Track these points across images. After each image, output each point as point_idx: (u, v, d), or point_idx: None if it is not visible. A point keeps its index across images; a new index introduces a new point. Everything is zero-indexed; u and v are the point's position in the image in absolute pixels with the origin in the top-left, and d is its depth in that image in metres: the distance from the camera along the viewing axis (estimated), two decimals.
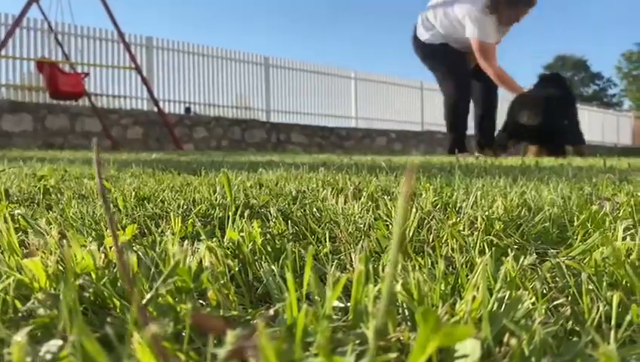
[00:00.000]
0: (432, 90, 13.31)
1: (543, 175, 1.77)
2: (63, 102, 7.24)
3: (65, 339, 0.35)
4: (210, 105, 9.85)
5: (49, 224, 0.78)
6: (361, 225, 0.79)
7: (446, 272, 0.51)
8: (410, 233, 0.71)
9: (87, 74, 6.65)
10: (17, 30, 7.00)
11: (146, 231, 0.78)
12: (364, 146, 10.35)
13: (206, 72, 9.83)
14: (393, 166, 2.15)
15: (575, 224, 0.80)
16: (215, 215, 0.88)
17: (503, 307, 0.40)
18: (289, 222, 0.83)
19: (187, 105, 9.50)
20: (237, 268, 0.56)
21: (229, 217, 0.79)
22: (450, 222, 0.74)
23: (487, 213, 0.78)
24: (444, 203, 0.98)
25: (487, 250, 0.64)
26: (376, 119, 12.01)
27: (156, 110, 7.01)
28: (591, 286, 0.50)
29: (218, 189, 1.08)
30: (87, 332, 0.30)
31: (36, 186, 1.23)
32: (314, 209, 0.93)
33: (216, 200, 0.99)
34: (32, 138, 6.94)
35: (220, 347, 0.31)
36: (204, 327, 0.33)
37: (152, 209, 0.92)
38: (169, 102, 9.29)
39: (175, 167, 2.05)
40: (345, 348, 0.35)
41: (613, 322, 0.41)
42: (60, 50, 7.13)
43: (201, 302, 0.49)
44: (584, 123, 16.92)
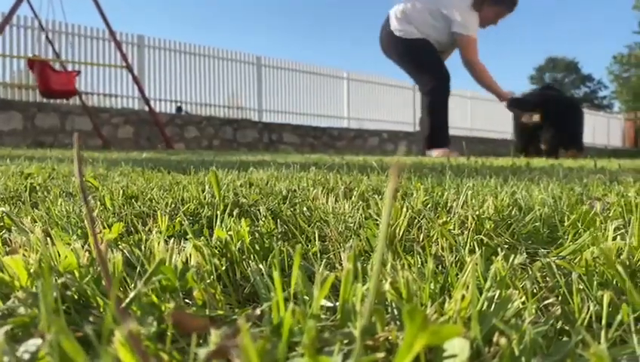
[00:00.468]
0: None
1: (533, 175, 1.77)
2: (53, 101, 7.18)
3: (44, 338, 0.34)
4: (201, 104, 9.82)
5: (34, 222, 0.76)
6: (351, 224, 0.79)
7: (436, 271, 0.51)
8: (400, 232, 0.71)
9: (78, 72, 6.60)
10: (7, 28, 6.94)
11: (132, 229, 0.77)
12: (356, 146, 10.35)
13: (198, 71, 9.79)
14: (385, 166, 2.15)
15: (566, 224, 0.80)
16: (204, 214, 0.87)
17: (493, 306, 0.40)
18: (278, 221, 0.83)
19: (178, 104, 9.46)
20: (224, 267, 0.56)
21: (217, 216, 0.78)
22: (441, 221, 0.73)
23: (477, 213, 0.78)
24: (435, 202, 0.97)
25: (477, 250, 0.63)
26: (369, 119, 12.01)
27: (147, 109, 6.97)
28: (581, 286, 0.49)
29: (207, 188, 1.07)
30: (66, 330, 0.29)
31: (23, 184, 1.21)
32: (304, 208, 0.93)
33: (205, 198, 0.98)
34: (21, 136, 6.88)
35: (204, 346, 0.30)
36: (186, 326, 0.32)
37: (140, 207, 0.91)
38: (160, 101, 9.25)
39: (165, 166, 2.04)
40: (332, 347, 0.34)
41: (603, 322, 0.41)
42: (51, 48, 7.07)
43: (187, 301, 0.48)
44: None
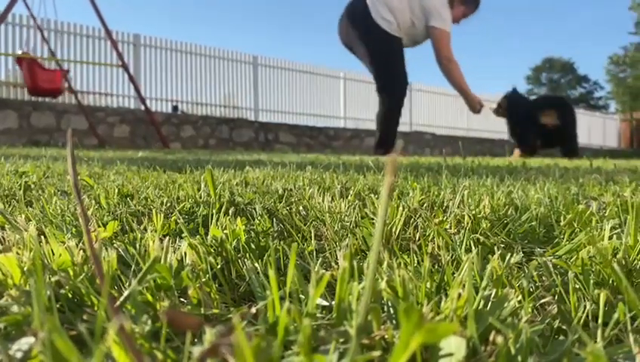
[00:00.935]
0: (421, 91, 13.37)
1: (530, 175, 1.77)
2: (48, 100, 7.16)
3: (37, 337, 0.33)
4: (197, 103, 9.80)
5: (28, 220, 0.76)
6: (348, 223, 0.78)
7: (432, 270, 0.51)
8: (397, 231, 0.70)
9: (67, 71, 6.57)
10: (2, 26, 6.91)
11: (128, 228, 0.77)
12: (353, 146, 10.35)
13: (194, 71, 9.78)
14: (381, 165, 2.15)
15: (562, 223, 0.80)
16: (199, 212, 0.86)
17: (489, 305, 0.40)
18: (274, 219, 0.82)
19: (174, 103, 9.44)
20: (220, 266, 0.55)
21: (213, 215, 0.78)
22: (437, 221, 0.73)
23: (474, 212, 0.77)
24: (431, 202, 0.97)
25: (473, 249, 0.63)
26: (365, 119, 12.01)
27: (143, 108, 6.95)
28: (577, 285, 0.49)
29: (203, 187, 1.07)
30: (59, 329, 0.29)
31: (17, 183, 1.21)
32: (300, 207, 0.92)
33: (200, 197, 0.98)
34: (16, 135, 6.85)
35: (199, 345, 0.30)
36: (179, 324, 0.32)
37: (135, 206, 0.90)
38: (156, 100, 9.23)
39: (161, 165, 2.03)
40: (328, 346, 0.34)
41: (600, 321, 0.41)
42: (47, 46, 7.05)
43: (182, 300, 0.47)
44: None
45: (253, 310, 0.42)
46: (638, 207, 0.60)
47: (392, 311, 0.40)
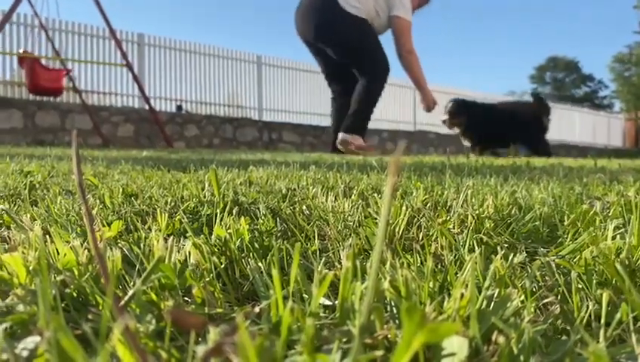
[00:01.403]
0: None
1: (533, 175, 1.77)
2: (53, 99, 7.18)
3: (42, 336, 0.34)
4: (201, 103, 9.81)
5: (33, 220, 0.76)
6: (351, 223, 0.78)
7: (435, 270, 0.51)
8: (400, 231, 0.71)
9: (69, 70, 6.58)
10: (7, 26, 6.93)
11: (132, 227, 0.77)
12: None
13: (198, 70, 9.78)
14: (384, 165, 2.15)
15: (565, 223, 0.80)
16: (203, 212, 0.87)
17: (492, 305, 0.40)
18: (278, 219, 0.83)
19: (179, 103, 9.45)
20: (223, 266, 0.56)
21: (217, 214, 0.78)
22: (440, 220, 0.73)
23: (477, 212, 0.77)
24: (435, 201, 0.97)
25: (476, 248, 0.63)
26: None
27: (147, 108, 6.96)
28: (580, 285, 0.49)
29: (207, 186, 1.07)
30: (65, 328, 0.29)
31: (22, 182, 1.21)
32: (303, 206, 0.92)
33: (204, 197, 0.98)
34: (21, 135, 6.87)
35: (203, 344, 0.30)
36: (183, 324, 0.32)
37: (139, 205, 0.91)
38: (160, 99, 9.24)
39: (165, 164, 2.04)
40: (330, 345, 0.34)
41: (602, 321, 0.41)
42: (51, 46, 7.07)
43: (186, 299, 0.48)
44: (575, 124, 17.06)
45: (257, 309, 0.43)
46: None
47: (394, 311, 0.40)
